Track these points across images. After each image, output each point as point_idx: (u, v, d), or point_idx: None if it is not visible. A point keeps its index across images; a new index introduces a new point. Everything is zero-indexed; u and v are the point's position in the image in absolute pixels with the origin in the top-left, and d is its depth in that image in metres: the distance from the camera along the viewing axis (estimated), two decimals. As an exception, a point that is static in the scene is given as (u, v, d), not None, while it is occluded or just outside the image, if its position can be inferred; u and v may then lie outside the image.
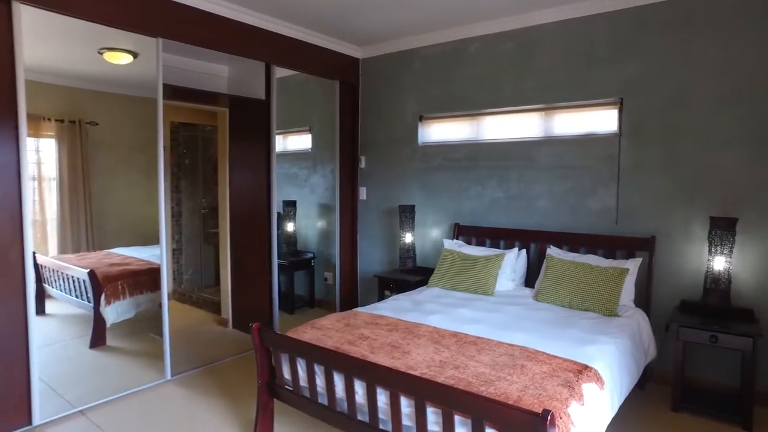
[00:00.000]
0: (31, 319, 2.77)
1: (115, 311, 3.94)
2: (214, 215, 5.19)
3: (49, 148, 3.83)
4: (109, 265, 4.07)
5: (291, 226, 5.12)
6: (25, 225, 2.74)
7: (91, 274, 3.79)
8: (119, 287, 3.98)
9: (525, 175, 3.90)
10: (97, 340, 3.87)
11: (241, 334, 4.43)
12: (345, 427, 2.24)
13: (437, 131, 4.45)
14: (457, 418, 1.80)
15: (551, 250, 3.55)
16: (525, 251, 3.78)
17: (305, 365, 2.36)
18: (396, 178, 4.69)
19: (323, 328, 2.70)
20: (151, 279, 3.92)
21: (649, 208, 3.37)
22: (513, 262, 3.67)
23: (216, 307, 4.97)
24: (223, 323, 4.71)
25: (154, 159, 3.40)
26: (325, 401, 2.32)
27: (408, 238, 4.35)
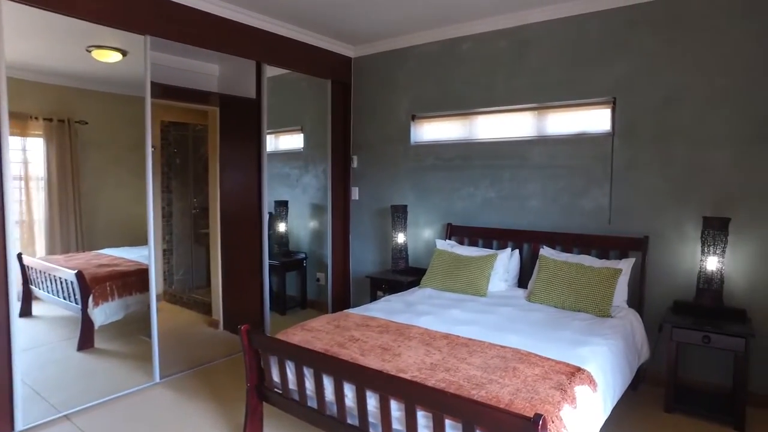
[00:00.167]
0: (14, 321, 2.71)
1: (104, 313, 3.88)
2: (205, 215, 5.13)
3: (36, 147, 3.78)
4: (97, 266, 4.01)
5: (283, 227, 5.07)
6: (7, 225, 2.67)
7: (79, 275, 3.74)
8: (108, 288, 3.92)
9: (518, 175, 3.88)
10: (85, 343, 3.82)
11: (232, 336, 4.38)
12: (335, 431, 2.20)
13: (430, 131, 4.41)
14: (447, 422, 1.77)
15: (544, 251, 3.53)
16: (518, 251, 3.76)
17: (294, 368, 2.32)
18: (388, 178, 4.65)
19: (313, 330, 2.67)
20: (141, 280, 3.86)
21: (642, 208, 3.36)
22: (506, 262, 3.65)
23: (207, 308, 4.91)
24: (214, 324, 4.66)
25: (144, 158, 3.35)
26: (314, 404, 2.28)
27: (400, 238, 4.32)
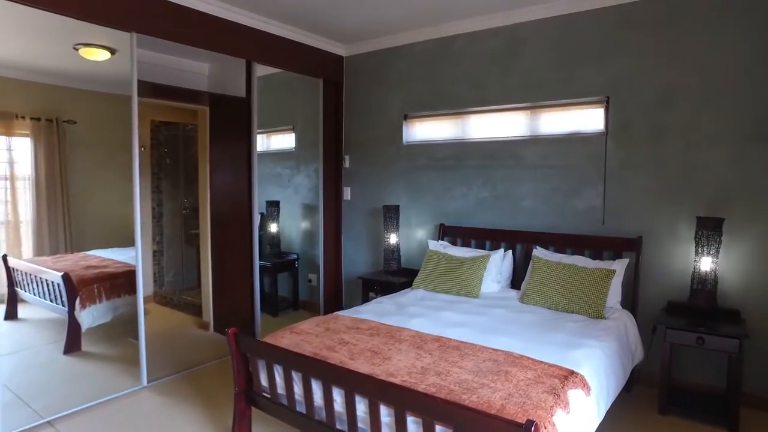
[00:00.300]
0: (-3, 325, 2.65)
1: (91, 315, 3.82)
2: (196, 216, 5.07)
3: (24, 147, 3.72)
4: (85, 267, 3.95)
5: (274, 227, 5.02)
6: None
7: (65, 277, 3.67)
8: (95, 290, 3.86)
9: (511, 175, 3.84)
10: (72, 346, 3.75)
11: (222, 338, 4.32)
12: (324, 437, 2.16)
13: (422, 130, 4.38)
14: (438, 428, 1.73)
15: (537, 251, 3.50)
16: (511, 252, 3.72)
17: (282, 372, 2.28)
18: (380, 178, 4.61)
19: (302, 332, 2.62)
20: (130, 282, 3.79)
21: (636, 208, 3.33)
22: (498, 263, 3.61)
23: (197, 310, 4.85)
24: (204, 326, 4.60)
25: (137, 159, 3.29)
26: (303, 409, 2.24)
27: (393, 238, 4.28)
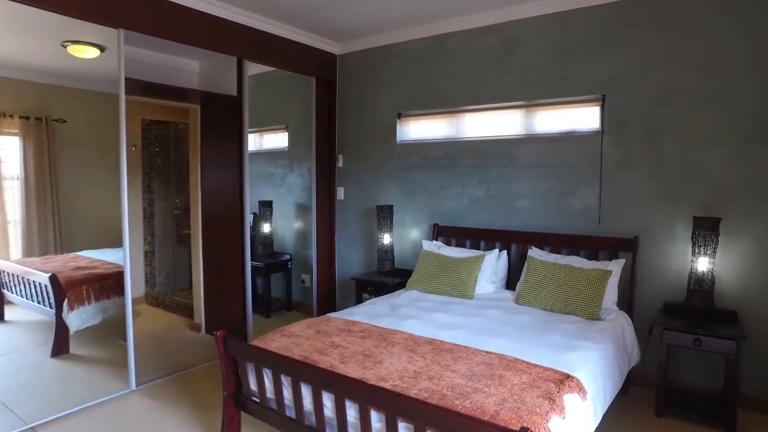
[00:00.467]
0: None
1: (80, 317, 3.75)
2: (188, 216, 5.01)
3: (12, 146, 3.66)
4: (74, 268, 3.89)
5: (267, 227, 4.96)
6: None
7: (53, 278, 3.61)
8: (84, 292, 3.80)
9: (506, 174, 3.80)
10: (60, 349, 3.68)
11: (214, 340, 4.26)
12: (313, 442, 2.11)
13: (416, 129, 4.33)
14: (430, 435, 1.68)
15: (532, 252, 3.46)
16: (506, 252, 3.68)
17: (272, 376, 2.22)
18: (374, 178, 4.56)
19: (293, 335, 2.56)
20: (119, 283, 3.72)
21: (632, 208, 3.29)
22: (493, 263, 3.56)
23: (189, 312, 4.79)
24: (196, 328, 4.54)
25: (125, 157, 3.23)
26: (293, 414, 2.19)
27: (386, 239, 4.23)
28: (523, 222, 3.73)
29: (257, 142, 5.04)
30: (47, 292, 3.65)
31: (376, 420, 1.85)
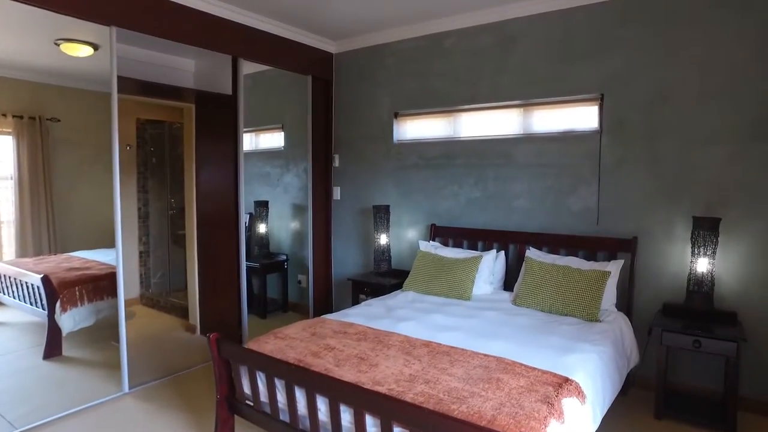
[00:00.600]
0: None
1: (72, 319, 3.71)
2: (183, 216, 4.98)
3: (6, 145, 3.63)
4: (67, 269, 3.85)
5: (263, 228, 4.92)
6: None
7: (45, 279, 3.56)
8: (77, 293, 3.76)
9: (503, 174, 3.76)
10: (52, 351, 3.64)
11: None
12: (308, 447, 2.07)
13: (413, 128, 4.29)
14: (426, 440, 1.64)
15: (530, 252, 3.42)
16: (503, 253, 3.64)
17: (265, 379, 2.18)
18: (371, 177, 4.52)
19: (287, 337, 2.52)
20: (113, 284, 3.68)
21: (631, 208, 3.26)
22: (491, 264, 3.53)
23: (184, 313, 4.75)
24: (191, 329, 4.50)
25: (119, 157, 3.18)
26: (287, 418, 2.15)
27: (383, 239, 4.19)
28: (521, 222, 3.69)
29: (253, 141, 5.00)
30: (39, 294, 3.61)
31: (372, 425, 1.82)
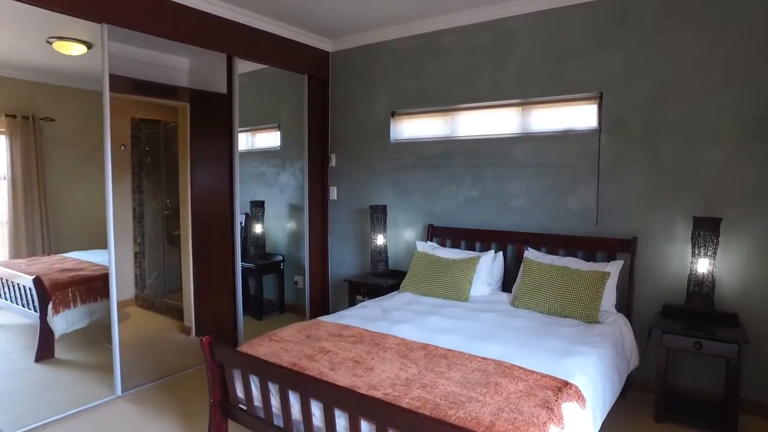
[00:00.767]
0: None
1: (65, 321, 3.66)
2: (178, 216, 4.93)
3: (-2, 144, 3.59)
4: (60, 270, 3.80)
5: (259, 228, 4.88)
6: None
7: (37, 281, 3.51)
8: (70, 295, 3.71)
9: (501, 173, 3.73)
10: (44, 353, 3.59)
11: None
12: (302, 453, 2.02)
13: (410, 128, 4.25)
14: (422, 447, 1.60)
15: (529, 253, 3.38)
16: (501, 254, 3.60)
17: (259, 383, 2.14)
18: (368, 177, 4.48)
19: (282, 340, 2.48)
20: (107, 285, 3.64)
21: (631, 208, 3.22)
22: (489, 265, 3.49)
23: (179, 314, 4.70)
24: (186, 331, 4.45)
25: (113, 157, 3.14)
26: (281, 423, 2.10)
27: (380, 239, 4.15)
28: (519, 222, 3.65)
29: (249, 141, 4.96)
30: (31, 295, 3.56)
31: (367, 430, 1.77)
